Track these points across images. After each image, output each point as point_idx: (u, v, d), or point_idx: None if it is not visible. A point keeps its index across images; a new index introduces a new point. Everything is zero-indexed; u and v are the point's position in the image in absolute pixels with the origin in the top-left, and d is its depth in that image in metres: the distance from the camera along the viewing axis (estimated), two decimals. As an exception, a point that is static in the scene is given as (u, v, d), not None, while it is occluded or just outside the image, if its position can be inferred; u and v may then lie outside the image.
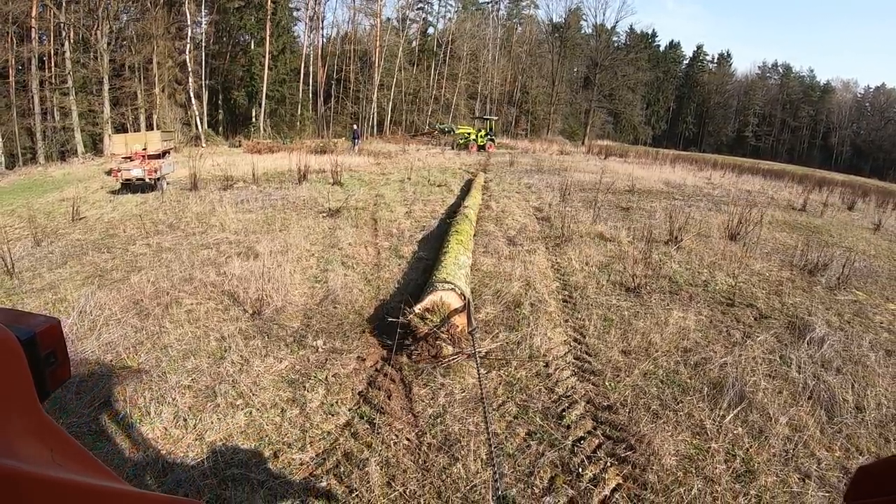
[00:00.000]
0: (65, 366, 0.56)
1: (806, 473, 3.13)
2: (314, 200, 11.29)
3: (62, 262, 7.50)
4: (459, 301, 4.26)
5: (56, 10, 26.53)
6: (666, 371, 4.09)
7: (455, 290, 4.34)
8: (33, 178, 20.59)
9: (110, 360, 4.17)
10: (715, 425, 3.39)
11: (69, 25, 27.02)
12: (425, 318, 4.09)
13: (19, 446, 0.41)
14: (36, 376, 0.48)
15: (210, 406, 3.40)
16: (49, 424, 0.46)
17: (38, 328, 0.53)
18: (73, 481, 0.41)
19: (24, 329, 0.51)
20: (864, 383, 4.39)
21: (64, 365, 0.56)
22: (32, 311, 0.56)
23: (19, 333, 0.48)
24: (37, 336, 0.52)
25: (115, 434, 3.20)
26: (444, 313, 4.14)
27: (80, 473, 0.44)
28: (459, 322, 4.15)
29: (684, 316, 5.21)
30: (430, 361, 4.01)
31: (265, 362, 3.95)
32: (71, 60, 27.20)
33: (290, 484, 2.71)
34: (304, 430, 3.14)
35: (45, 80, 27.45)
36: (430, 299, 4.21)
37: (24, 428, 0.43)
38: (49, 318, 0.55)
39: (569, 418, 3.35)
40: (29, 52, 25.94)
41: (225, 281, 5.83)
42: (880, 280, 7.99)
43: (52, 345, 0.54)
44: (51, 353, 0.54)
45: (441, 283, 4.47)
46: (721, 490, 2.81)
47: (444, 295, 4.25)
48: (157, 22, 30.50)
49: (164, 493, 0.78)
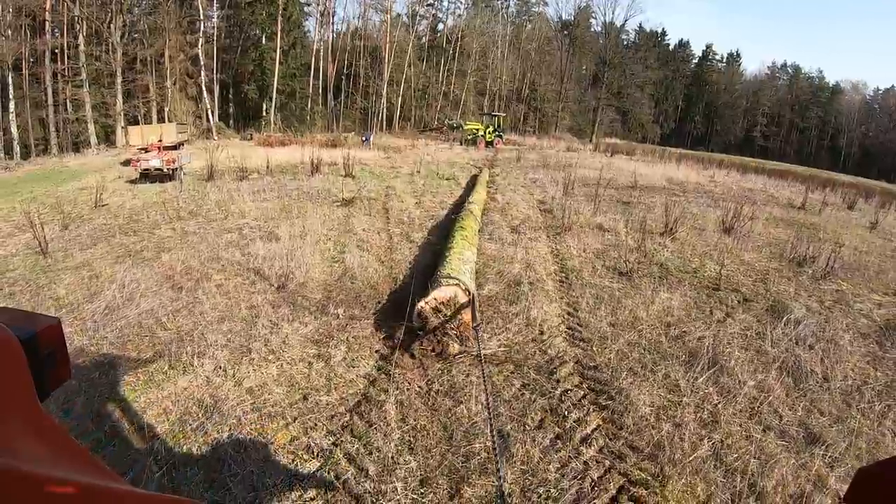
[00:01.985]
0: (65, 366, 0.57)
1: (767, 426, 3.58)
2: (328, 191, 11.78)
3: (92, 243, 8.00)
4: (465, 297, 4.29)
5: (70, 3, 27.10)
6: (648, 341, 4.56)
7: (460, 285, 4.33)
8: (49, 168, 21.05)
9: (152, 323, 4.68)
10: (688, 385, 3.85)
11: (83, 19, 27.57)
12: (438, 312, 4.13)
13: (19, 446, 0.41)
14: (36, 376, 0.48)
15: (245, 360, 3.91)
16: (49, 424, 0.46)
17: (39, 328, 0.53)
18: (74, 480, 0.41)
19: (24, 329, 0.51)
20: (834, 359, 4.76)
21: (64, 365, 0.56)
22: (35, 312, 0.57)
23: (19, 333, 0.49)
24: (37, 336, 0.52)
25: (161, 382, 3.70)
26: (452, 308, 4.16)
27: (80, 473, 0.44)
28: (465, 317, 4.23)
29: (670, 297, 5.66)
30: (436, 358, 4.06)
31: (292, 326, 4.46)
32: (85, 53, 27.78)
33: (319, 419, 3.21)
34: (329, 379, 3.65)
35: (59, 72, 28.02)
36: (435, 295, 4.22)
37: (24, 427, 0.43)
38: (49, 317, 0.56)
39: (558, 374, 3.84)
40: (43, 45, 26.53)
41: (250, 260, 6.35)
42: (867, 273, 8.31)
43: (52, 345, 0.55)
44: (51, 353, 0.54)
45: (446, 278, 4.48)
46: (688, 434, 3.28)
47: (448, 291, 4.26)
48: (170, 16, 31.03)
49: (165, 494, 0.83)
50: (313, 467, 2.80)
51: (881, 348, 5.30)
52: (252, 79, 36.79)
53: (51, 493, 0.38)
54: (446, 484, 2.71)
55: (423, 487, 2.69)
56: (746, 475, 2.97)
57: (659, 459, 3.00)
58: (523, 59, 54.65)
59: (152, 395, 3.52)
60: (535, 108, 55.65)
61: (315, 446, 2.95)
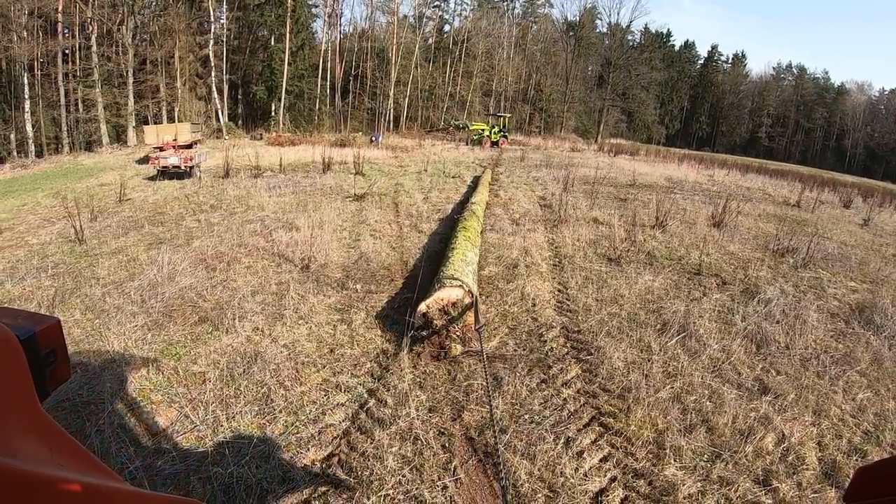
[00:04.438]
0: (64, 365, 0.57)
1: (726, 380, 4.17)
2: (340, 187, 12.46)
3: (123, 232, 8.66)
4: (468, 298, 4.28)
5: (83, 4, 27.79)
6: (628, 313, 5.19)
7: (463, 286, 4.31)
8: (64, 166, 21.78)
9: (192, 296, 5.34)
10: (658, 346, 4.47)
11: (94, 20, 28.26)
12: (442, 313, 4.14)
13: (19, 445, 0.42)
14: (36, 375, 0.49)
15: (279, 324, 4.57)
16: (49, 423, 0.47)
17: (39, 328, 0.54)
18: (73, 480, 0.42)
19: (24, 328, 0.52)
20: (798, 332, 5.27)
21: (63, 364, 0.57)
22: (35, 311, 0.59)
23: (19, 332, 0.49)
24: (37, 335, 0.53)
25: (208, 340, 4.35)
26: (458, 311, 4.18)
27: (80, 472, 0.45)
28: (468, 319, 4.25)
29: (653, 279, 6.28)
30: (438, 359, 4.11)
31: (317, 297, 5.13)
32: (97, 54, 28.51)
33: (345, 366, 3.86)
34: (352, 337, 4.31)
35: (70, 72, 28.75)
36: (437, 296, 4.19)
37: (23, 427, 0.44)
38: (49, 317, 0.57)
39: (546, 336, 4.48)
40: (56, 46, 27.25)
41: (273, 246, 7.02)
42: (849, 264, 8.76)
43: (51, 344, 0.55)
44: (51, 352, 0.55)
45: (449, 279, 4.44)
46: (653, 382, 3.89)
47: (451, 292, 4.23)
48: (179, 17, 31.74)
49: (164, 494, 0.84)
50: (342, 399, 3.45)
51: (847, 325, 5.77)
52: (261, 79, 37.55)
53: (51, 493, 0.38)
54: (449, 411, 3.36)
55: (431, 413, 3.33)
56: (701, 413, 3.59)
57: (626, 398, 3.62)
58: (529, 60, 55.28)
59: (201, 350, 4.17)
60: (540, 108, 56.23)
61: (342, 385, 3.61)
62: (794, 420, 3.66)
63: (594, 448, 3.09)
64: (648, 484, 2.87)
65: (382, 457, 2.87)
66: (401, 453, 2.92)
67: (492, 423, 2.97)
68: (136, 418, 3.29)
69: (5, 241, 8.44)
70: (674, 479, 2.90)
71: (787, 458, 3.26)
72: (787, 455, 3.28)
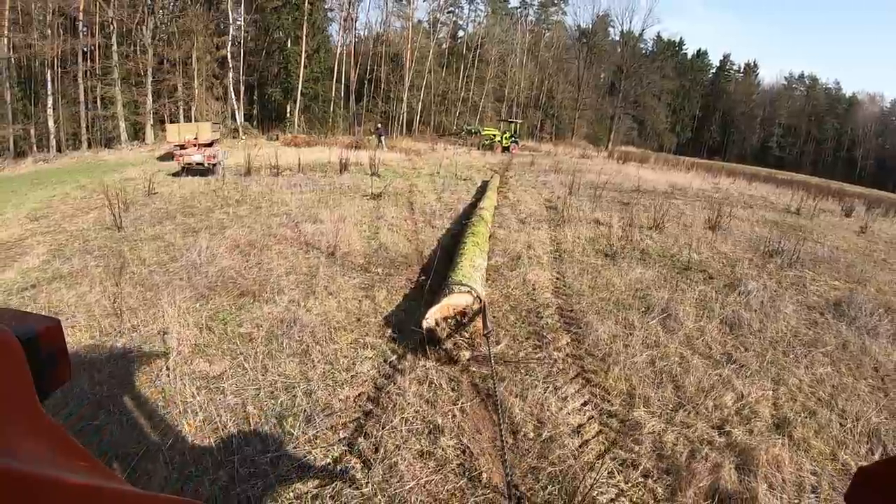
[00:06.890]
0: (65, 366, 0.57)
1: (697, 352, 4.80)
2: (357, 187, 13.22)
3: (157, 221, 9.36)
4: (476, 304, 4.33)
5: (104, 4, 28.80)
6: (617, 298, 5.86)
7: (471, 292, 4.34)
8: (86, 162, 22.51)
9: (232, 274, 6.06)
10: (640, 324, 5.13)
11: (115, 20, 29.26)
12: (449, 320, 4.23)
13: (19, 446, 0.41)
14: (36, 377, 0.49)
15: (311, 298, 5.29)
16: (49, 424, 0.47)
17: (39, 329, 0.54)
18: (73, 481, 0.42)
19: (24, 329, 0.52)
20: (773, 319, 5.83)
21: (64, 365, 0.57)
22: (34, 312, 0.59)
23: (20, 333, 0.49)
24: (38, 336, 0.53)
25: (251, 309, 5.06)
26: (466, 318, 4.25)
27: (80, 473, 0.45)
28: (476, 324, 4.32)
29: (644, 272, 6.93)
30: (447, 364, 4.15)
31: (343, 278, 5.87)
32: (117, 53, 29.59)
33: (370, 330, 4.57)
34: (376, 309, 5.03)
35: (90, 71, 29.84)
36: (446, 303, 4.24)
37: (24, 428, 0.44)
38: (50, 318, 0.57)
39: (543, 314, 5.17)
40: (76, 45, 28.36)
41: (300, 236, 7.76)
42: (837, 266, 9.16)
43: (52, 345, 0.55)
44: (52, 353, 0.55)
45: (458, 285, 4.47)
46: (632, 350, 4.54)
47: (460, 299, 4.28)
48: (198, 19, 32.72)
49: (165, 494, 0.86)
50: (369, 354, 4.16)
51: (822, 316, 6.28)
52: (277, 81, 38.49)
53: (51, 494, 0.39)
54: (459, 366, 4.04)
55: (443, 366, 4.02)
56: (670, 374, 4.24)
57: (607, 361, 4.29)
58: (541, 67, 56.03)
59: (245, 316, 4.89)
60: (552, 115, 56.95)
61: (369, 344, 4.32)
62: (754, 385, 4.27)
63: (577, 395, 3.76)
64: (620, 422, 3.53)
65: (404, 393, 3.56)
66: (419, 392, 3.61)
67: (492, 375, 3.63)
68: (196, 366, 3.99)
69: (43, 227, 9.13)
70: (640, 420, 3.56)
71: (742, 411, 3.89)
72: (743, 409, 3.90)
